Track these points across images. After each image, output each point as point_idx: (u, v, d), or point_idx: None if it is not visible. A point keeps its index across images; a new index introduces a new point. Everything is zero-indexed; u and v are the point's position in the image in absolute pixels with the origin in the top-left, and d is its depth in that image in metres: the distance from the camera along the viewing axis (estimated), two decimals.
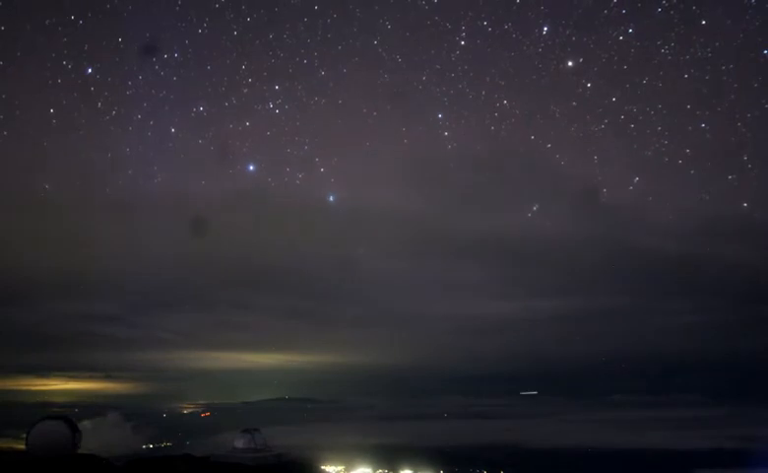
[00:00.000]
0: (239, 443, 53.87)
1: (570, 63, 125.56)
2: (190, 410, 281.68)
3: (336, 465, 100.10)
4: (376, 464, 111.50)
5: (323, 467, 74.38)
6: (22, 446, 45.64)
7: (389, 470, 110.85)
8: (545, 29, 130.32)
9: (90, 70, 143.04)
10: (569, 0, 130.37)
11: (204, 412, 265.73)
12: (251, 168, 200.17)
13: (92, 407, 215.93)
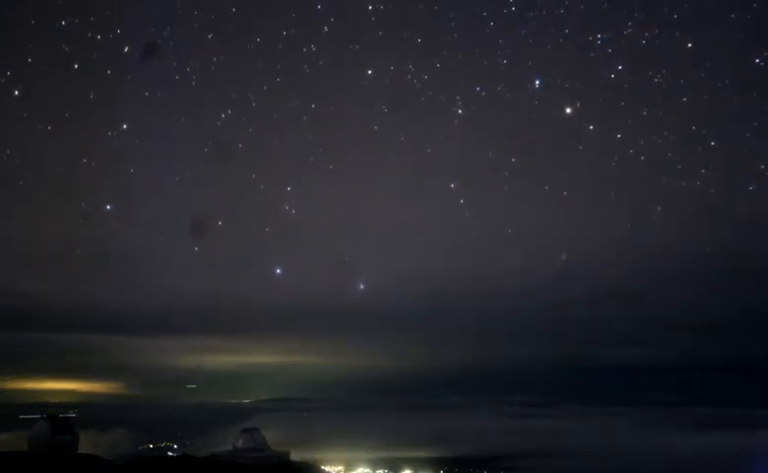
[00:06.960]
0: (239, 443, 53.97)
1: (568, 110, 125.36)
2: (190, 410, 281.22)
3: (336, 465, 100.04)
4: (376, 464, 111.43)
5: (323, 467, 74.28)
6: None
7: (389, 470, 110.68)
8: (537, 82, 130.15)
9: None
10: (555, 50, 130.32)
11: (202, 412, 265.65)
12: None
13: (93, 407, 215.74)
